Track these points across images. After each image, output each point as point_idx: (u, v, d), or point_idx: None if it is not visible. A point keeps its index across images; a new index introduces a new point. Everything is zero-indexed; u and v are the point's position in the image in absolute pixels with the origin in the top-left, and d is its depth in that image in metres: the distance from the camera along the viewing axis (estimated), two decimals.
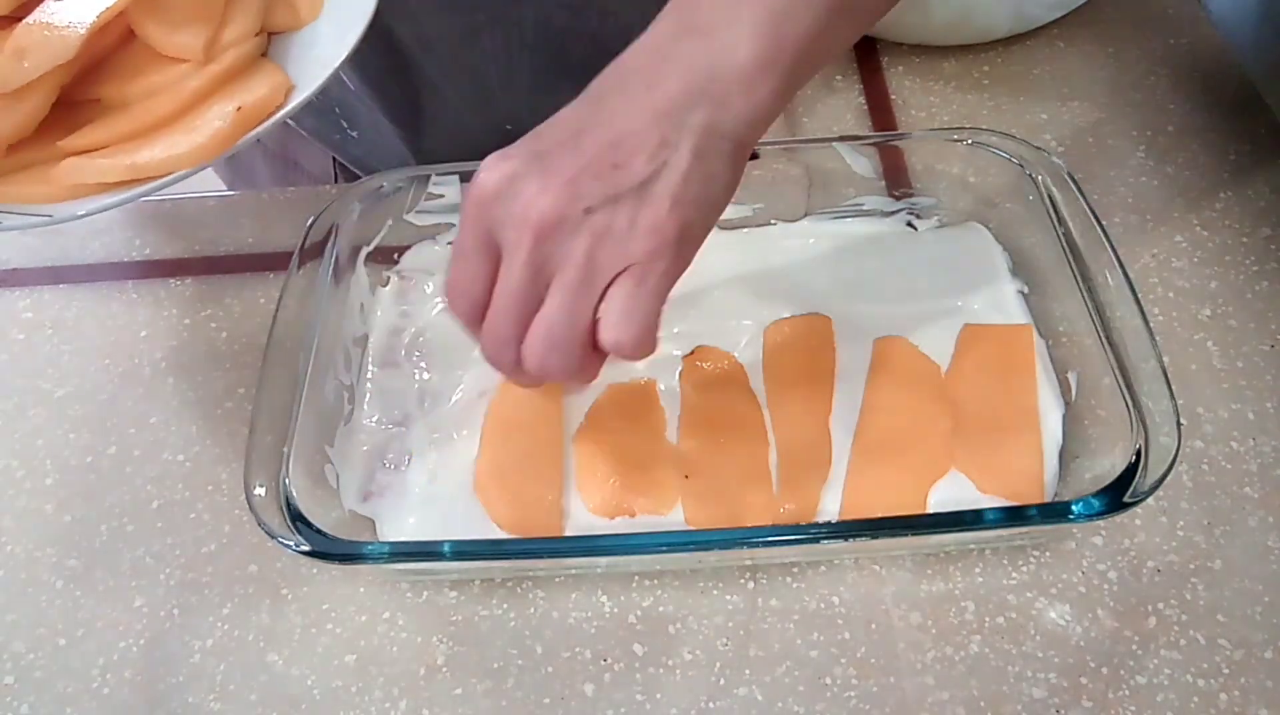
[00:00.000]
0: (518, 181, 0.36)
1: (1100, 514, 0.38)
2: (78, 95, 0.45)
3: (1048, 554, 0.44)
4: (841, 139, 0.54)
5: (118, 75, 0.45)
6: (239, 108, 0.42)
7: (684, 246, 0.37)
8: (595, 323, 0.37)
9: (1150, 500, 0.39)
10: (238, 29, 0.46)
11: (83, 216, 0.41)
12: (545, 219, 0.36)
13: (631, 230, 0.36)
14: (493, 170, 0.37)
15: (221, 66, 0.44)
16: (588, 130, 0.37)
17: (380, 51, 0.61)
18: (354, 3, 0.47)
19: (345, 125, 0.68)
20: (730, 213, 0.55)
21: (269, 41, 0.48)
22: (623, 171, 0.36)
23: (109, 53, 0.45)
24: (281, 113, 0.43)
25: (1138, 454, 0.39)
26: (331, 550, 0.40)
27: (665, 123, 0.36)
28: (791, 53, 0.37)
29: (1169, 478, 0.38)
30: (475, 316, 0.39)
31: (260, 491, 0.41)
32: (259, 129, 0.43)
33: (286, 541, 0.40)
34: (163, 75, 0.44)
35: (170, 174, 0.42)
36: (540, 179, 0.36)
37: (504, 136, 0.39)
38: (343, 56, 0.45)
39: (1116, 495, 0.39)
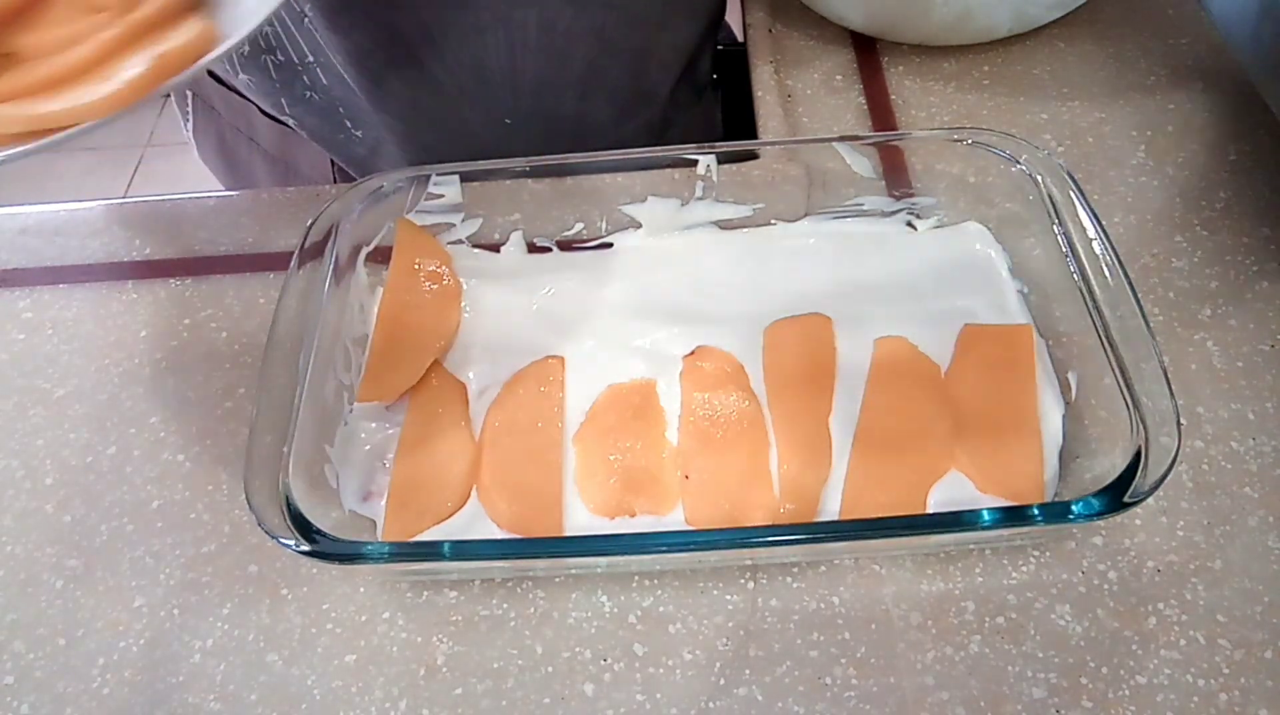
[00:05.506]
0: None
1: (1100, 514, 0.38)
2: None
3: (1048, 554, 0.44)
4: (841, 139, 0.54)
5: (34, 27, 0.42)
6: (159, 54, 0.40)
7: None
8: None
9: (1150, 500, 0.39)
10: None
11: None
12: None
13: None
14: None
15: (143, 14, 0.42)
16: None
17: (383, 44, 0.61)
18: None
19: (349, 125, 0.68)
20: (730, 213, 0.55)
21: None
22: None
23: (27, 4, 0.43)
24: (203, 60, 0.41)
25: (1138, 454, 0.39)
26: (331, 550, 0.40)
27: None
28: None
29: (1169, 478, 0.38)
30: None
31: (260, 492, 0.41)
32: (178, 78, 0.40)
33: (286, 541, 0.40)
34: (81, 25, 0.42)
35: (77, 125, 0.39)
36: None
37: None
38: (272, 7, 0.42)
39: (1116, 495, 0.39)
